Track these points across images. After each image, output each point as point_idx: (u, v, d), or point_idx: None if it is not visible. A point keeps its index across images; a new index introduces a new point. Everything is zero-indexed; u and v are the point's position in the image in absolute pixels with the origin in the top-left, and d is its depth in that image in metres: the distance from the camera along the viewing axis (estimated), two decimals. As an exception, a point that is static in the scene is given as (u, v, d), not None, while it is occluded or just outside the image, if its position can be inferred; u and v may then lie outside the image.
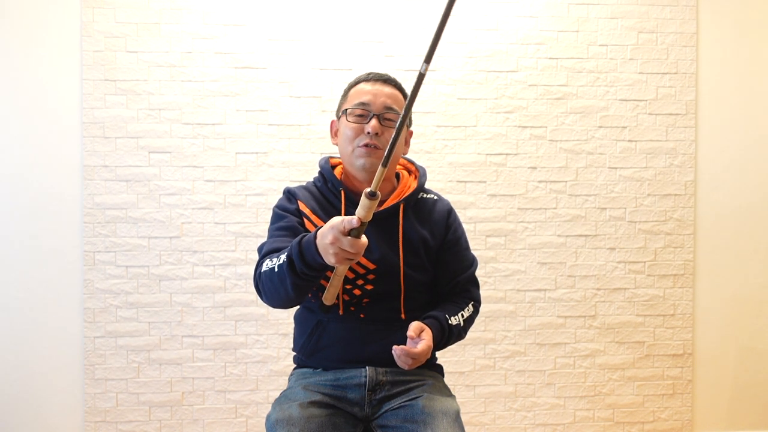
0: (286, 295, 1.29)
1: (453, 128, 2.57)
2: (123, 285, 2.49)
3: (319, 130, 2.53)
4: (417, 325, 1.32)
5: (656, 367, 2.65)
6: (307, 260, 1.21)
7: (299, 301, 1.37)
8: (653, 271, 2.64)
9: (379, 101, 1.41)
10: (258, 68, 2.52)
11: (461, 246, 1.52)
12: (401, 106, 1.43)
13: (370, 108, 1.41)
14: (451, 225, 1.51)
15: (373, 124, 1.39)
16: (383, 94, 1.42)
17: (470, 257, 1.55)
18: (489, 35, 2.58)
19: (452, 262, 1.50)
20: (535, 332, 2.61)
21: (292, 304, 1.36)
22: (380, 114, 1.40)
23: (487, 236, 2.59)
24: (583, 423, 2.63)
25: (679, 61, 2.64)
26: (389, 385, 1.39)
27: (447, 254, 1.49)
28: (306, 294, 1.32)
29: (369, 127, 1.39)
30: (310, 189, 1.49)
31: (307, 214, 1.44)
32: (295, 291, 1.27)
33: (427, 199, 1.52)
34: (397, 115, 1.40)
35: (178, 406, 2.51)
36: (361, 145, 1.40)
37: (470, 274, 1.53)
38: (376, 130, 1.38)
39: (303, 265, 1.22)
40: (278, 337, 2.52)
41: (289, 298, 1.30)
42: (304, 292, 1.30)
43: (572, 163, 2.61)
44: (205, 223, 2.51)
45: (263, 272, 1.32)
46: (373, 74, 1.46)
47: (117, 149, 2.49)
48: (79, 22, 2.47)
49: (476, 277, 1.55)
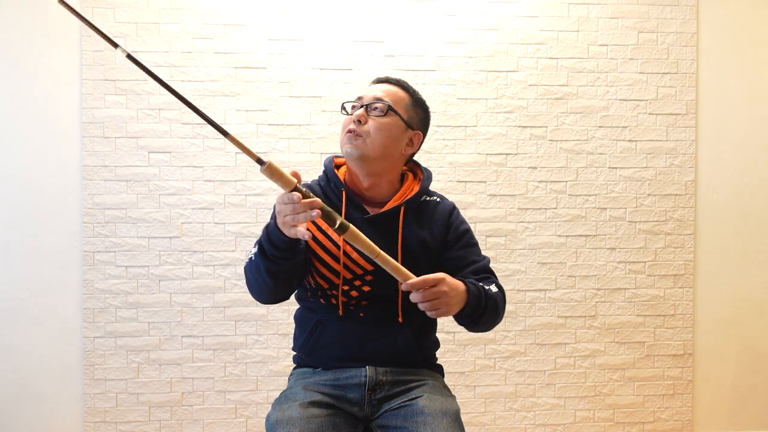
0: (265, 283, 1.31)
1: (453, 128, 2.57)
2: (123, 285, 2.48)
3: (319, 130, 2.53)
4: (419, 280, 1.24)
5: (656, 367, 2.65)
6: (273, 240, 1.25)
7: (281, 293, 1.37)
8: (653, 271, 2.64)
9: (371, 94, 1.44)
10: (258, 68, 2.52)
11: (465, 242, 1.48)
12: (399, 100, 1.44)
13: (362, 101, 1.44)
14: (452, 224, 1.49)
15: (359, 112, 1.41)
16: (378, 89, 1.45)
17: (480, 253, 1.51)
18: (489, 35, 2.58)
19: (460, 257, 1.46)
20: (535, 332, 2.61)
21: (277, 295, 1.36)
22: (368, 104, 1.42)
23: (487, 236, 2.58)
24: (583, 423, 2.63)
25: (679, 61, 2.64)
26: (389, 385, 1.39)
27: (451, 252, 1.47)
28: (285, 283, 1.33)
29: (353, 115, 1.41)
30: (314, 188, 1.49)
31: None
32: (270, 277, 1.29)
33: (429, 201, 1.51)
34: (384, 104, 1.41)
35: (178, 407, 2.51)
36: (345, 132, 1.42)
37: (483, 264, 1.47)
38: (360, 117, 1.40)
39: (271, 246, 1.25)
40: (278, 337, 2.52)
41: (269, 288, 1.32)
42: (281, 280, 1.31)
43: (572, 163, 2.61)
44: (205, 223, 2.50)
45: (245, 266, 1.36)
46: (383, 77, 1.49)
47: (117, 149, 2.48)
48: (79, 22, 2.47)
49: (492, 269, 1.50)
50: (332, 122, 2.52)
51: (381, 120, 1.41)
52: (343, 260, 1.39)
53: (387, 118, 1.41)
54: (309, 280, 1.44)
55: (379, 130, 1.40)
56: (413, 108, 1.47)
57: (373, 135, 1.40)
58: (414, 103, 1.47)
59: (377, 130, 1.40)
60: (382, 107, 1.41)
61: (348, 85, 2.53)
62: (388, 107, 1.41)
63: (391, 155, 1.44)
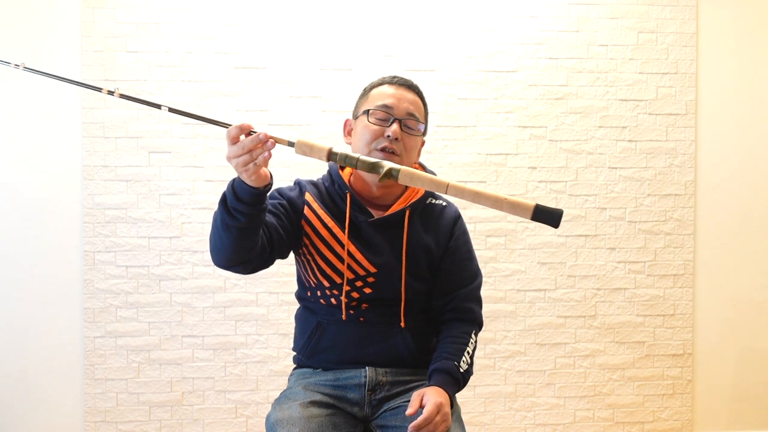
0: (220, 239, 1.24)
1: (453, 128, 2.57)
2: (123, 285, 2.49)
3: (319, 130, 2.53)
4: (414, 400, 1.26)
5: (656, 367, 2.65)
6: (237, 192, 1.19)
7: (236, 255, 1.26)
8: (653, 271, 2.64)
9: (402, 106, 1.39)
10: (258, 68, 2.52)
11: (462, 255, 1.47)
12: (422, 114, 1.43)
13: (392, 112, 1.38)
14: (455, 232, 1.47)
15: (395, 128, 1.36)
16: (406, 99, 1.40)
17: (473, 269, 1.48)
18: (489, 35, 2.58)
19: (452, 271, 1.45)
20: (535, 332, 2.61)
21: (231, 257, 1.27)
22: (402, 119, 1.38)
23: (487, 236, 2.59)
24: (583, 423, 2.63)
25: (679, 61, 2.64)
26: (389, 386, 1.39)
27: (446, 262, 1.45)
28: (241, 242, 1.24)
29: (390, 131, 1.36)
30: (318, 186, 1.47)
31: (315, 208, 1.42)
32: (227, 232, 1.21)
33: (435, 204, 1.49)
34: (417, 122, 1.39)
35: (178, 406, 2.51)
36: (378, 149, 1.36)
37: (472, 288, 1.46)
38: (397, 135, 1.36)
39: (234, 198, 1.19)
40: (278, 337, 2.52)
41: (224, 246, 1.24)
42: (238, 238, 1.22)
43: (572, 163, 2.61)
44: (205, 223, 2.50)
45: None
46: (397, 78, 1.44)
47: (117, 149, 2.49)
48: (79, 22, 2.47)
49: (480, 295, 1.48)
50: (332, 122, 2.52)
51: (415, 140, 1.41)
52: (347, 260, 1.39)
53: (418, 136, 1.42)
54: (310, 278, 1.43)
55: (412, 149, 1.41)
56: (427, 115, 1.47)
57: (406, 154, 1.38)
58: (426, 109, 1.47)
59: (411, 149, 1.40)
60: (416, 127, 1.40)
61: (348, 85, 2.53)
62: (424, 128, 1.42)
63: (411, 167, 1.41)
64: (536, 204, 1.13)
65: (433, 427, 1.22)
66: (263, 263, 1.34)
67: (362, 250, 1.39)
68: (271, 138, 1.14)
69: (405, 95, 1.40)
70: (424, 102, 1.45)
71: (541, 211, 1.12)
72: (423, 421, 1.21)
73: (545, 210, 1.12)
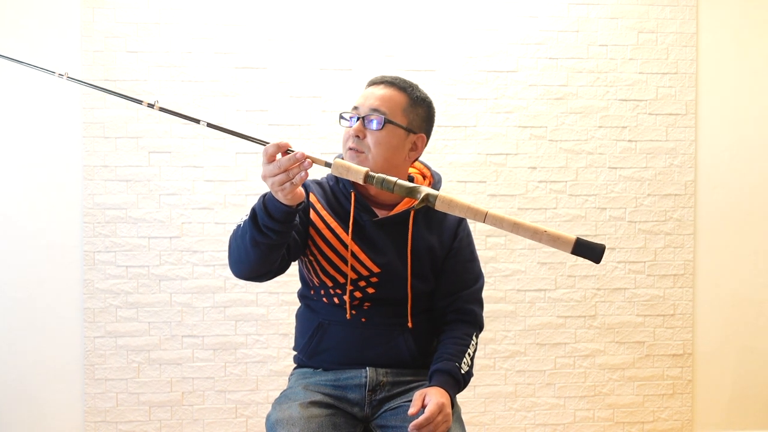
0: (246, 253, 1.23)
1: (453, 128, 2.57)
2: (123, 285, 2.49)
3: (319, 130, 2.53)
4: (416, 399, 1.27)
5: (656, 367, 2.65)
6: (269, 209, 1.17)
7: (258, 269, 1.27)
8: (653, 271, 2.64)
9: (367, 104, 1.36)
10: (258, 68, 2.52)
11: (465, 257, 1.46)
12: (396, 106, 1.36)
13: (357, 111, 1.37)
14: (459, 233, 1.46)
15: (355, 126, 1.35)
16: (374, 96, 1.37)
17: (476, 271, 1.48)
18: (489, 35, 2.58)
19: (455, 272, 1.45)
20: (535, 332, 2.61)
21: (253, 271, 1.28)
22: (364, 116, 1.35)
23: (487, 236, 2.59)
24: (583, 423, 2.63)
25: (679, 61, 2.64)
26: (389, 386, 1.39)
27: (448, 263, 1.45)
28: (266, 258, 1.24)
29: (351, 129, 1.36)
30: (323, 185, 1.46)
31: (319, 209, 1.41)
32: (254, 248, 1.21)
33: None
34: (380, 116, 1.33)
35: (178, 406, 2.51)
36: (347, 149, 1.37)
37: (474, 290, 1.46)
38: (358, 132, 1.35)
39: (265, 215, 1.17)
40: (278, 337, 2.52)
41: (249, 260, 1.24)
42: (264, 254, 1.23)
43: (572, 163, 2.61)
44: (205, 223, 2.51)
45: (231, 234, 1.29)
46: (378, 77, 1.41)
47: (117, 149, 2.49)
48: (79, 22, 2.47)
49: (481, 297, 1.48)
50: (332, 122, 2.52)
51: (379, 134, 1.34)
52: (350, 261, 1.38)
53: (385, 130, 1.34)
54: (313, 278, 1.43)
55: (378, 144, 1.34)
56: (412, 109, 1.39)
57: (373, 150, 1.34)
58: (413, 102, 1.39)
59: (376, 144, 1.34)
60: (379, 120, 1.33)
61: (348, 85, 2.53)
62: (385, 120, 1.34)
63: (395, 165, 1.37)
64: (577, 237, 1.07)
65: (434, 427, 1.22)
66: (281, 270, 1.35)
67: (366, 250, 1.39)
68: (308, 158, 1.12)
69: (374, 92, 1.37)
70: (407, 93, 1.38)
71: (581, 245, 1.06)
72: (424, 421, 1.21)
73: (586, 244, 1.06)
